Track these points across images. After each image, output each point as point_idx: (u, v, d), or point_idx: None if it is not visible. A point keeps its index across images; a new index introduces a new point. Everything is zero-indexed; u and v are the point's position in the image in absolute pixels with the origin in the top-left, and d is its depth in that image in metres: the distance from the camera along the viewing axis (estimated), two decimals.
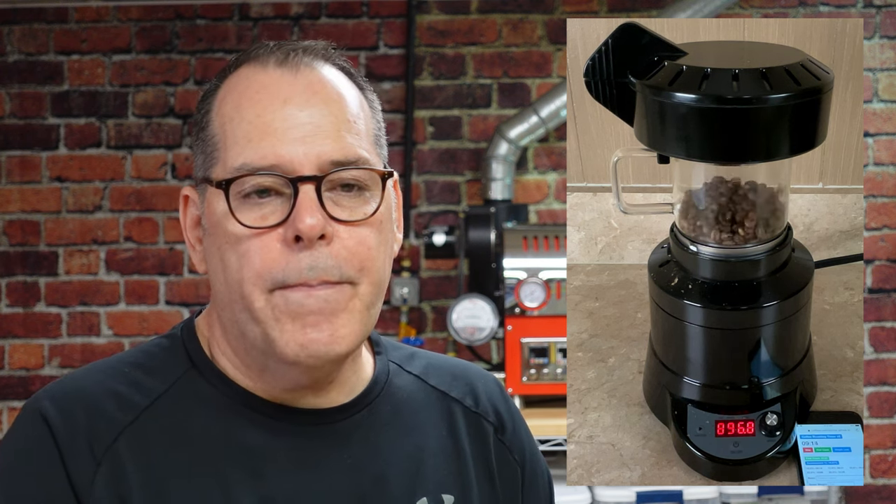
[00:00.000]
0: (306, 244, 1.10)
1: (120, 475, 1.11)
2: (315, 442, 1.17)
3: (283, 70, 1.14)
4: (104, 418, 1.13)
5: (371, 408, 1.21)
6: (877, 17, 3.65)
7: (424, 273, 3.64)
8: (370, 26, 3.65)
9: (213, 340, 1.20)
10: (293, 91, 1.13)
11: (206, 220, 1.16)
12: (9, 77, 3.64)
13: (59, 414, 1.13)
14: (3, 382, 3.63)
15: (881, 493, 3.63)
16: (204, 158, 1.17)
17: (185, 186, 1.21)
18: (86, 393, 1.15)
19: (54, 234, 3.63)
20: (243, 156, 1.12)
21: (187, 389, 1.17)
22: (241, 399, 1.17)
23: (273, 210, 1.11)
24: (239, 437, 1.15)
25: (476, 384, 1.31)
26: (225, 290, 1.14)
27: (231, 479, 1.13)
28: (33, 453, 1.12)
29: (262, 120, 1.12)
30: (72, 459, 1.11)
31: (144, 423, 1.14)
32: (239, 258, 1.12)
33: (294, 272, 1.10)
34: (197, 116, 1.19)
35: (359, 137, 1.14)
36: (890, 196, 3.64)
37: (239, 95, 1.15)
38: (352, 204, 1.13)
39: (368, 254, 1.13)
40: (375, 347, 1.28)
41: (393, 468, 1.19)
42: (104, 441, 1.12)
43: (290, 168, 1.11)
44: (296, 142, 1.11)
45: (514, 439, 1.30)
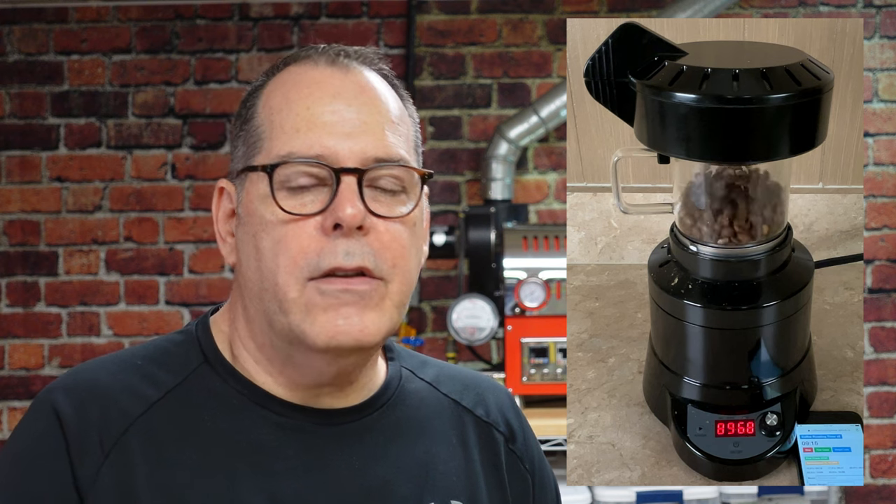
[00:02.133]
0: (344, 232, 1.12)
1: (128, 467, 1.11)
2: (324, 442, 1.18)
3: (333, 69, 1.18)
4: (116, 411, 1.14)
5: (382, 411, 1.22)
6: (877, 17, 3.65)
7: (424, 273, 3.64)
8: (370, 26, 3.65)
9: (234, 335, 1.21)
10: (343, 88, 1.17)
11: (243, 208, 1.18)
12: (9, 77, 3.64)
13: (72, 407, 1.13)
14: (3, 382, 3.63)
15: (881, 493, 3.63)
16: (246, 149, 1.18)
17: (221, 179, 1.23)
18: (99, 385, 1.16)
19: (54, 234, 3.63)
20: (290, 145, 1.14)
21: (199, 384, 1.18)
22: (253, 396, 1.18)
23: (313, 200, 1.14)
24: (248, 433, 1.16)
25: (487, 395, 1.32)
26: (257, 278, 1.15)
27: (239, 475, 1.13)
28: (41, 448, 1.13)
29: (310, 112, 1.15)
30: (78, 452, 1.11)
31: (155, 416, 1.15)
32: (274, 244, 1.13)
33: (329, 256, 1.12)
34: (241, 111, 1.21)
35: (401, 139, 1.18)
36: (890, 196, 3.64)
37: (289, 89, 1.17)
38: (389, 202, 1.16)
39: (402, 251, 1.16)
40: (388, 353, 1.29)
41: (402, 472, 1.20)
42: (114, 434, 1.13)
43: (335, 159, 1.13)
44: (342, 136, 1.14)
45: (524, 449, 1.32)
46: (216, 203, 1.23)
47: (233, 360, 1.20)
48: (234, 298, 1.22)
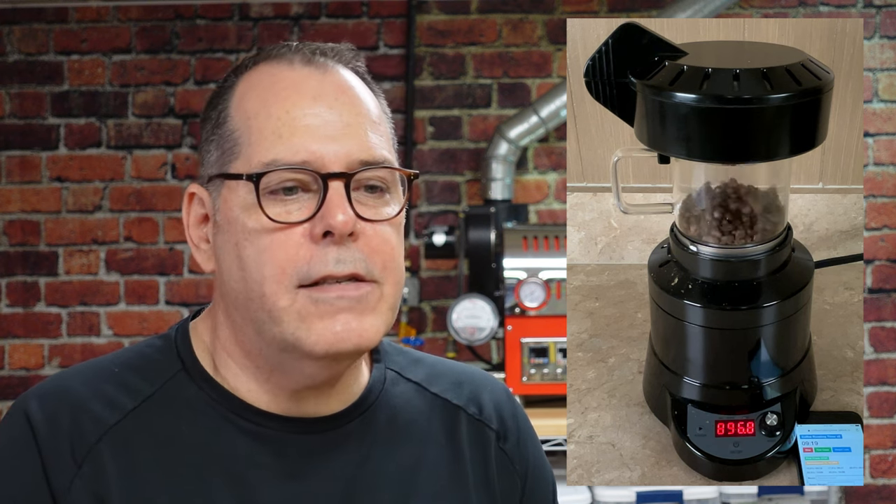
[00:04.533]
0: (335, 240, 1.10)
1: (100, 476, 1.10)
2: (303, 452, 1.15)
3: (310, 69, 1.15)
4: (89, 419, 1.12)
5: (364, 417, 1.19)
6: (877, 17, 3.65)
7: (424, 273, 3.64)
8: (370, 26, 3.65)
9: (216, 341, 1.18)
10: (322, 90, 1.13)
11: (221, 215, 1.14)
12: (9, 77, 3.64)
13: (44, 414, 1.12)
14: (3, 382, 3.63)
15: (881, 493, 3.63)
16: (221, 154, 1.15)
17: (190, 184, 1.19)
18: (73, 393, 1.14)
19: (54, 234, 3.63)
20: (273, 151, 1.11)
21: (176, 393, 1.15)
22: (230, 406, 1.15)
23: (299, 207, 1.11)
24: (224, 443, 1.13)
25: (482, 391, 1.29)
26: (241, 287, 1.12)
27: (214, 486, 1.11)
28: (14, 453, 1.11)
29: (290, 116, 1.12)
30: (51, 461, 1.10)
31: (129, 424, 1.12)
32: (259, 253, 1.10)
33: (320, 264, 1.09)
34: (210, 113, 1.18)
35: (382, 139, 1.16)
36: (890, 196, 3.64)
37: (264, 91, 1.14)
38: (375, 204, 1.13)
39: (392, 254, 1.14)
40: (374, 355, 1.26)
41: (385, 479, 1.18)
42: (87, 442, 1.11)
43: (321, 164, 1.11)
44: (326, 139, 1.11)
45: (516, 449, 1.28)
46: (186, 209, 1.19)
47: (213, 368, 1.18)
48: (216, 304, 1.19)
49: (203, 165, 1.18)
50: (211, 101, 1.19)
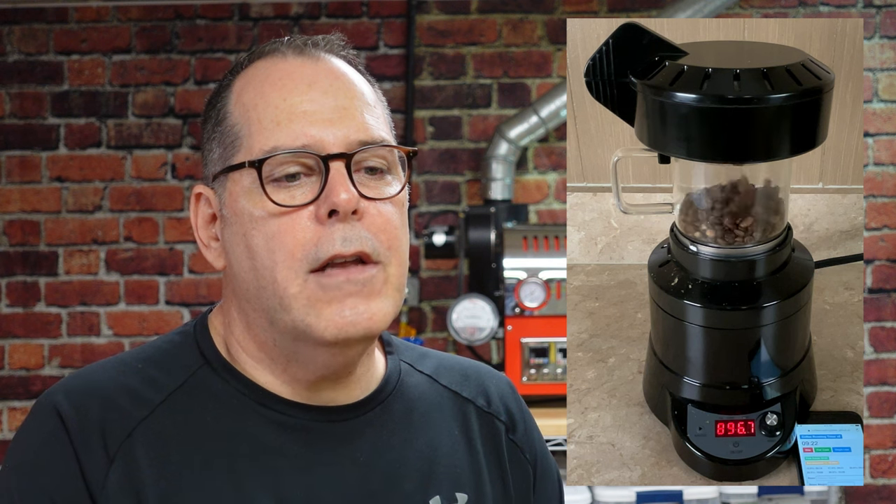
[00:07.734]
0: (340, 218, 1.12)
1: (134, 470, 1.11)
2: (328, 439, 1.17)
3: (303, 58, 1.18)
4: (118, 414, 1.13)
5: (384, 406, 1.22)
6: (877, 17, 3.65)
7: (424, 273, 3.64)
8: (370, 26, 3.65)
9: (230, 337, 1.20)
10: (316, 77, 1.16)
11: (228, 209, 1.16)
12: (9, 77, 3.64)
13: (73, 409, 1.13)
14: (3, 382, 3.63)
15: (881, 493, 3.63)
16: (223, 150, 1.17)
17: (195, 185, 1.21)
18: (100, 388, 1.15)
19: (54, 234, 3.63)
20: (273, 138, 1.14)
21: (200, 385, 1.17)
22: (254, 395, 1.17)
23: (303, 191, 1.13)
24: (251, 433, 1.15)
25: (488, 384, 1.32)
26: (252, 277, 1.14)
27: (243, 476, 1.13)
28: (47, 448, 1.12)
29: (288, 103, 1.15)
30: (85, 455, 1.11)
31: (158, 418, 1.14)
32: (267, 240, 1.13)
33: (327, 245, 1.12)
34: (210, 113, 1.20)
35: (379, 121, 1.18)
36: (890, 196, 3.64)
37: (260, 83, 1.17)
38: (377, 185, 1.16)
39: (395, 232, 1.16)
40: (387, 347, 1.29)
41: (406, 466, 1.20)
42: (118, 437, 1.12)
43: (321, 147, 1.13)
44: (324, 123, 1.14)
45: (525, 439, 1.31)
46: (194, 210, 1.21)
47: (231, 360, 1.20)
48: (227, 301, 1.21)
49: (206, 165, 1.20)
50: (210, 101, 1.21)
